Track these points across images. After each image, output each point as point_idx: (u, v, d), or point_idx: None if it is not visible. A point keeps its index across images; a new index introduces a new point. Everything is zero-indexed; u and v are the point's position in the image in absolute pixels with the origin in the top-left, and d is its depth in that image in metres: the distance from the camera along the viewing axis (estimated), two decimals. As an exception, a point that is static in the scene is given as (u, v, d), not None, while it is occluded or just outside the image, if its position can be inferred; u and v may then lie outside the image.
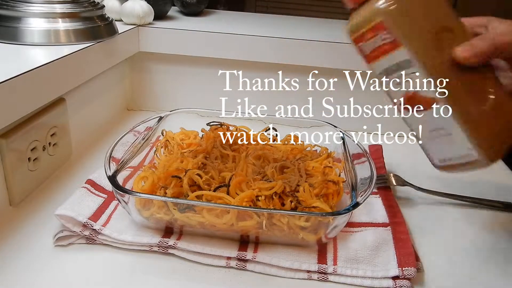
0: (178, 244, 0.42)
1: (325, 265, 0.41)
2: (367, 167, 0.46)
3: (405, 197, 0.55)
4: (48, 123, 0.51)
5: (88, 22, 0.58)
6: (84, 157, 0.60)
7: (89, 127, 0.64)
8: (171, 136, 0.56)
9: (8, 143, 0.44)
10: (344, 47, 0.69)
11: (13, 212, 0.47)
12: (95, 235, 0.43)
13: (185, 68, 0.76)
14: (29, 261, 0.40)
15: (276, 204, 0.43)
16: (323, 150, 0.56)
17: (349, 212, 0.39)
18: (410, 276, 0.39)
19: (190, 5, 0.85)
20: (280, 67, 0.73)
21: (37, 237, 0.43)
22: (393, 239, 0.44)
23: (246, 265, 0.41)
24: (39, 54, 0.51)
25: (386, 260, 0.41)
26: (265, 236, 0.42)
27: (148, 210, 0.42)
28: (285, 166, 0.49)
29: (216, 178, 0.46)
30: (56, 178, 0.54)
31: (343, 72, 0.71)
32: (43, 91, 0.48)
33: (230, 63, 0.73)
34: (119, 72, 0.74)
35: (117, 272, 0.40)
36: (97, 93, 0.66)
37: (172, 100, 0.78)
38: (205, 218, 0.40)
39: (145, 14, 0.71)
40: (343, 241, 0.44)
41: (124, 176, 0.45)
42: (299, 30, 0.79)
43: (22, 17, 0.54)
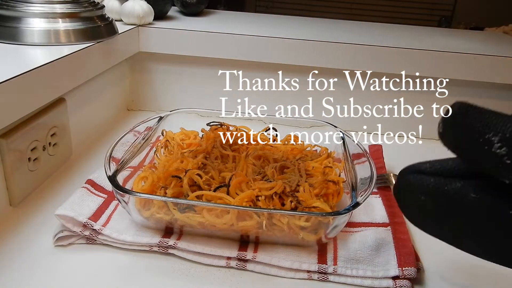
0: (178, 244, 0.42)
1: (325, 265, 0.41)
2: (367, 167, 0.46)
3: (405, 197, 0.54)
4: (48, 123, 0.51)
5: (88, 22, 0.58)
6: (84, 157, 0.60)
7: (89, 127, 0.64)
8: (171, 136, 0.56)
9: (8, 143, 0.44)
10: (344, 47, 0.69)
11: (13, 212, 0.47)
12: (95, 235, 0.43)
13: (185, 68, 0.76)
14: (29, 261, 0.40)
15: (276, 204, 0.43)
16: (323, 150, 0.56)
17: (349, 212, 0.39)
18: (410, 276, 0.39)
19: (190, 5, 0.85)
20: (280, 67, 0.73)
21: (37, 237, 0.43)
22: (394, 239, 0.44)
23: (246, 265, 0.41)
24: (39, 54, 0.51)
25: (386, 260, 0.41)
26: (265, 236, 0.42)
27: (148, 210, 0.42)
28: (285, 166, 0.49)
29: (216, 178, 0.46)
30: (56, 178, 0.54)
31: (343, 72, 0.72)
32: (43, 91, 0.48)
33: (230, 63, 0.73)
34: (119, 72, 0.74)
35: (117, 272, 0.40)
36: (97, 93, 0.66)
37: (172, 100, 0.78)
38: (205, 218, 0.40)
39: (145, 14, 0.71)
40: (343, 241, 0.44)
41: (124, 176, 0.45)
42: (299, 30, 0.79)
43: (22, 17, 0.54)
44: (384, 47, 0.69)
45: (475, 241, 0.30)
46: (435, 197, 0.31)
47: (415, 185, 0.32)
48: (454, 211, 0.30)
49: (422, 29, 0.92)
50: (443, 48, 0.69)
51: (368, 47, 0.69)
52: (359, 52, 0.69)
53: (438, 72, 0.69)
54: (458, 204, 0.30)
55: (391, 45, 0.69)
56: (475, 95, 0.71)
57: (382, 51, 0.69)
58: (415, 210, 0.33)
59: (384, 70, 0.70)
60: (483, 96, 0.71)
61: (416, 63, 0.69)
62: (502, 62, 0.68)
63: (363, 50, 0.69)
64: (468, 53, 0.68)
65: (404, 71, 0.70)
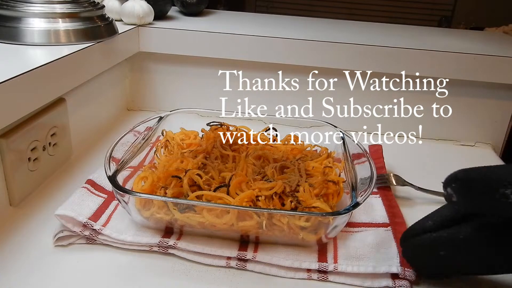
0: (178, 244, 0.42)
1: (325, 263, 0.41)
2: (367, 167, 0.46)
3: (405, 197, 0.55)
4: (48, 123, 0.52)
5: (88, 22, 0.58)
6: (84, 157, 0.60)
7: (89, 127, 0.64)
8: (171, 136, 0.56)
9: (8, 143, 0.44)
10: (344, 47, 0.69)
11: (13, 212, 0.47)
12: (95, 235, 0.43)
13: (185, 68, 0.76)
14: (29, 261, 0.40)
15: (276, 204, 0.43)
16: (323, 150, 0.56)
17: (349, 212, 0.39)
18: (410, 278, 0.39)
19: (190, 5, 0.85)
20: (280, 67, 0.73)
21: (37, 237, 0.43)
22: (394, 239, 0.44)
23: (246, 265, 0.41)
24: (39, 54, 0.51)
25: (389, 256, 0.41)
26: (265, 236, 0.42)
27: (148, 210, 0.42)
28: (285, 166, 0.49)
29: (216, 178, 0.46)
30: (56, 178, 0.54)
31: (343, 72, 0.71)
32: (43, 91, 0.48)
33: (230, 63, 0.73)
34: (119, 72, 0.74)
35: (117, 272, 0.40)
36: (97, 93, 0.66)
37: (172, 100, 0.78)
38: (205, 218, 0.40)
39: (145, 14, 0.71)
40: (344, 241, 0.44)
41: (124, 176, 0.45)
42: (299, 30, 0.79)
43: (22, 17, 0.54)
44: (384, 47, 0.69)
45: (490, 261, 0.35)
46: (452, 248, 0.35)
47: (433, 244, 0.36)
48: (472, 250, 0.34)
49: (422, 29, 0.92)
50: (443, 48, 0.69)
51: (368, 47, 0.69)
52: (359, 52, 0.69)
53: (438, 72, 0.69)
54: (473, 244, 0.34)
55: (391, 45, 0.69)
56: (475, 95, 0.71)
57: (382, 51, 0.69)
58: (435, 266, 0.38)
59: (384, 70, 0.70)
60: (483, 96, 0.71)
61: (416, 63, 0.69)
62: (502, 62, 0.68)
63: (363, 50, 0.69)
64: (468, 53, 0.68)
65: (404, 71, 0.70)
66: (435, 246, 0.36)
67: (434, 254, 0.36)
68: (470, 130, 0.74)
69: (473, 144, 0.75)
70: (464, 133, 0.74)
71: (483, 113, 0.73)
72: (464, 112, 0.73)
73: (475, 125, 0.74)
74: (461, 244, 0.34)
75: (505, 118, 0.73)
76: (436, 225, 0.36)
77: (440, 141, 0.74)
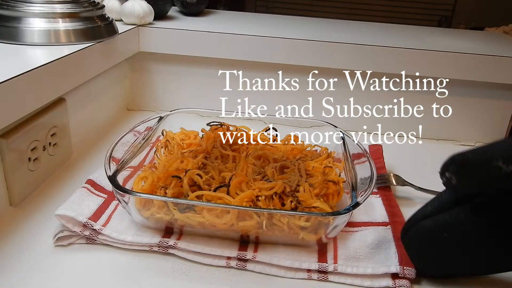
0: (178, 244, 0.42)
1: (325, 264, 0.41)
2: (367, 167, 0.46)
3: (405, 197, 0.55)
4: (48, 123, 0.51)
5: (88, 22, 0.58)
6: (84, 157, 0.60)
7: (89, 127, 0.64)
8: (171, 136, 0.56)
9: (8, 143, 0.44)
10: (344, 47, 0.69)
11: (13, 212, 0.47)
12: (95, 235, 0.43)
13: (185, 68, 0.76)
14: (29, 261, 0.40)
15: (276, 204, 0.43)
16: (323, 150, 0.56)
17: (349, 212, 0.39)
18: (410, 276, 0.39)
19: (190, 5, 0.85)
20: (280, 67, 0.73)
21: (37, 237, 0.43)
22: (394, 237, 0.44)
23: (246, 265, 0.41)
24: (39, 54, 0.51)
25: (388, 257, 0.41)
26: (265, 236, 0.42)
27: (148, 210, 0.42)
28: (285, 166, 0.49)
29: (216, 178, 0.46)
30: (56, 178, 0.54)
31: (343, 72, 0.72)
32: (43, 91, 0.48)
33: (230, 63, 0.73)
34: (119, 72, 0.74)
35: (117, 272, 0.40)
36: (97, 93, 0.66)
37: (172, 100, 0.78)
38: (205, 218, 0.40)
39: (145, 14, 0.71)
40: (344, 240, 0.44)
41: (124, 176, 0.45)
42: (299, 30, 0.79)
43: (22, 17, 0.54)
44: (384, 47, 0.69)
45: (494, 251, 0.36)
46: (456, 229, 0.36)
47: (437, 227, 0.37)
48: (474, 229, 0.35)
49: (422, 29, 0.92)
50: (443, 48, 0.69)
51: (368, 47, 0.69)
52: (359, 52, 0.69)
53: (438, 72, 0.69)
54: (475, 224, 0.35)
55: (391, 45, 0.69)
56: (475, 95, 0.71)
57: (382, 51, 0.69)
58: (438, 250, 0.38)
59: (384, 70, 0.70)
60: (483, 96, 0.71)
61: (416, 63, 0.69)
62: (502, 62, 0.68)
63: (363, 50, 0.69)
64: (468, 53, 0.68)
65: (404, 71, 0.70)
66: (439, 227, 0.36)
67: (438, 237, 0.36)
68: (470, 130, 0.74)
69: (473, 144, 0.75)
70: (464, 133, 0.74)
71: (483, 113, 0.73)
72: (464, 112, 0.73)
73: (475, 125, 0.74)
74: (463, 224, 0.35)
75: (505, 118, 0.73)
76: (437, 209, 0.37)
77: (440, 141, 0.74)
